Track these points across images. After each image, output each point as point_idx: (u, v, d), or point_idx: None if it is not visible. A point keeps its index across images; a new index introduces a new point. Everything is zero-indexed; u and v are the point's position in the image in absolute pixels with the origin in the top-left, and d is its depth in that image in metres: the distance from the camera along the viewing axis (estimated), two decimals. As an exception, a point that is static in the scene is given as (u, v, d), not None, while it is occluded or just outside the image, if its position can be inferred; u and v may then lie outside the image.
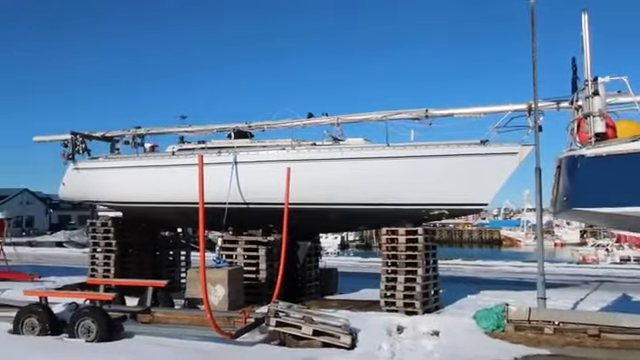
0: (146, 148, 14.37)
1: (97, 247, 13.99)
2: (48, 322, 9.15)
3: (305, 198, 11.30)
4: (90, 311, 9.04)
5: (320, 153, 11.62)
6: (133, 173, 13.40)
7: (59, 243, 44.21)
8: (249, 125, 12.90)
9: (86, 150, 14.28)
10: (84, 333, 8.76)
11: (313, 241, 13.53)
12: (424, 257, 10.59)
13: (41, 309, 9.35)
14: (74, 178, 14.25)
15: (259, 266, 12.16)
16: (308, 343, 8.56)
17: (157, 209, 13.52)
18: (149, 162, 13.37)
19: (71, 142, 14.07)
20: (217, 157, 12.03)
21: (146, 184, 13.05)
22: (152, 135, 14.35)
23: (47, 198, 73.43)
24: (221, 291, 10.81)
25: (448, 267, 19.68)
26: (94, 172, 14.04)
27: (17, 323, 9.25)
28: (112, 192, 13.86)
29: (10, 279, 17.25)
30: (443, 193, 10.56)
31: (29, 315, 9.26)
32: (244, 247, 12.30)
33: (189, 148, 13.41)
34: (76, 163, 14.12)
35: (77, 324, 8.83)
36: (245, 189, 11.75)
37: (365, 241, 57.88)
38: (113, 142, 14.80)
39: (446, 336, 9.09)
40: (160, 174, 12.87)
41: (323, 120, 12.17)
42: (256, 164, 11.88)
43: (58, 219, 72.80)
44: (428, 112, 11.01)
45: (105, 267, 13.71)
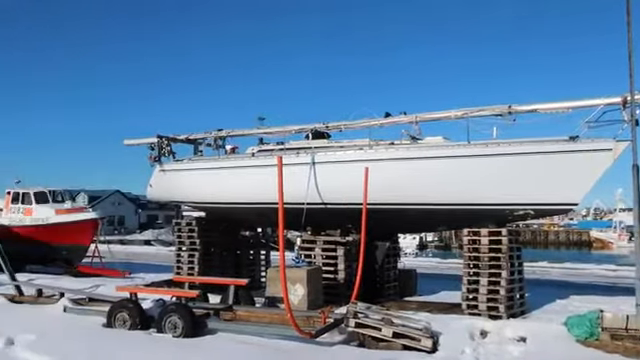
0: (227, 150, 14.74)
1: (182, 246, 14.54)
2: (138, 317, 9.60)
3: (383, 198, 11.17)
4: (176, 308, 9.39)
5: (398, 152, 11.44)
6: (214, 174, 13.79)
7: (147, 241, 46.53)
8: (327, 125, 12.92)
9: (171, 153, 14.86)
10: (171, 329, 9.12)
11: (391, 241, 13.34)
12: (508, 259, 10.15)
13: (132, 305, 9.83)
14: (160, 179, 14.87)
15: (337, 266, 12.15)
16: (388, 345, 8.45)
17: (237, 209, 13.85)
18: (230, 163, 13.70)
19: (157, 145, 14.70)
20: (295, 158, 12.14)
21: (227, 185, 13.40)
22: (233, 137, 14.70)
23: (136, 199, 77.46)
24: (300, 290, 10.89)
25: (533, 270, 18.82)
26: (178, 174, 14.58)
27: (110, 317, 9.78)
28: (195, 193, 14.34)
29: (104, 275, 18.34)
30: (529, 192, 10.07)
31: (121, 310, 9.77)
32: (322, 247, 12.34)
33: (268, 149, 13.63)
34: (162, 165, 14.72)
35: (164, 320, 9.21)
36: (323, 189, 11.78)
37: (444, 242, 56.68)
38: (196, 144, 15.33)
39: (534, 342, 8.65)
40: (240, 175, 13.17)
41: (401, 119, 11.98)
42: (334, 164, 11.88)
43: (147, 218, 76.63)
44: (511, 108, 10.54)
45: (190, 265, 14.22)
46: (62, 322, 10.21)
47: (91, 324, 9.98)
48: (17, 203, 21.02)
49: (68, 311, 10.90)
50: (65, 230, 19.36)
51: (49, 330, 9.32)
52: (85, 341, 8.80)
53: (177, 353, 8.08)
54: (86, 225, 19.56)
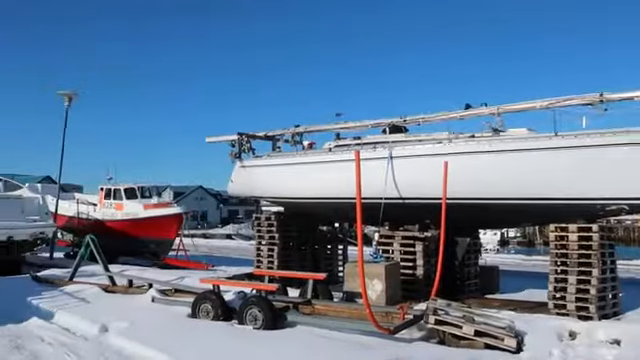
0: (304, 145, 14.89)
1: (262, 240, 14.86)
2: (220, 308, 9.92)
3: (464, 193, 10.86)
4: (257, 300, 9.61)
5: (479, 145, 11.07)
6: (292, 170, 13.97)
7: (228, 235, 48.02)
8: (404, 119, 12.73)
9: (251, 149, 15.21)
10: (251, 321, 9.35)
11: (472, 237, 12.97)
12: (599, 257, 9.57)
13: (214, 296, 10.16)
14: (240, 175, 15.27)
15: (416, 262, 11.96)
16: (469, 343, 8.21)
17: (315, 204, 13.96)
18: (307, 159, 13.83)
19: (238, 142, 15.09)
20: (372, 152, 12.06)
21: (304, 180, 13.54)
22: (310, 133, 14.83)
23: (218, 194, 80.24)
24: (378, 286, 10.83)
25: (627, 268, 17.70)
26: (258, 169, 14.90)
27: (194, 308, 10.17)
28: (273, 188, 14.60)
29: (189, 267, 19.13)
30: (624, 186, 9.43)
31: (204, 301, 10.13)
32: (400, 242, 12.19)
33: (345, 144, 13.63)
34: (242, 161, 15.10)
35: (245, 312, 9.45)
36: (401, 184, 11.63)
37: (527, 238, 54.40)
38: (274, 141, 15.59)
39: (630, 346, 8.08)
40: (317, 170, 13.26)
41: (482, 111, 11.58)
42: (412, 158, 11.69)
43: (228, 213, 79.15)
44: (603, 96, 9.89)
45: (269, 259, 14.50)
46: (151, 311, 10.73)
47: (177, 314, 10.42)
48: (109, 199, 22.37)
49: (156, 301, 11.44)
50: (153, 224, 20.39)
51: (139, 318, 9.84)
52: (173, 330, 9.21)
53: (258, 344, 8.27)
54: (172, 219, 20.50)
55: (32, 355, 7.97)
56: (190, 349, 7.94)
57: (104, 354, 8.05)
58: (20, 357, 7.84)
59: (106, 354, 8.06)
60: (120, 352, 8.14)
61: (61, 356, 7.94)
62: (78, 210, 22.99)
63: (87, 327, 9.54)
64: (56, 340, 8.85)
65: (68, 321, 10.13)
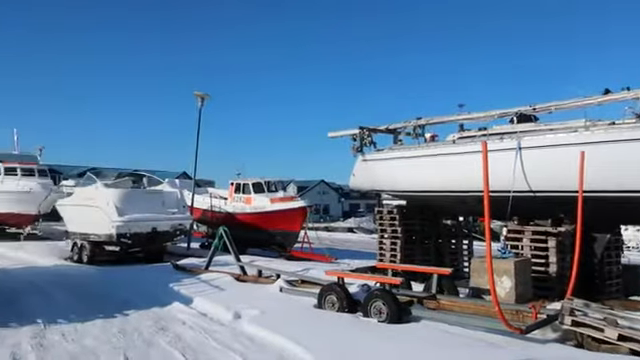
0: (426, 138, 14.66)
1: (384, 233, 14.89)
2: (345, 300, 10.09)
3: (602, 185, 10.06)
4: (381, 293, 9.64)
5: (621, 134, 10.16)
6: (414, 162, 13.82)
7: (350, 229, 48.58)
8: (533, 108, 12.06)
9: (372, 143, 15.29)
10: (376, 314, 9.40)
11: (613, 233, 11.98)
12: None
13: (339, 288, 10.36)
14: (362, 169, 15.40)
15: (548, 258, 11.31)
16: (612, 348, 7.59)
17: (438, 197, 13.70)
18: (429, 151, 13.61)
19: (359, 136, 15.23)
20: (499, 143, 11.57)
21: (427, 173, 13.33)
22: (432, 125, 14.58)
23: (339, 188, 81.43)
24: (507, 283, 10.38)
25: None
26: (379, 163, 14.93)
27: (320, 299, 10.44)
28: (395, 181, 14.54)
29: (313, 259, 19.67)
30: None
31: (330, 293, 10.36)
32: (531, 238, 11.59)
33: (469, 136, 13.22)
34: (364, 155, 15.22)
35: (369, 305, 9.53)
36: (531, 176, 11.04)
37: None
38: (396, 134, 15.53)
39: None
40: (440, 163, 12.99)
41: (623, 95, 10.62)
42: (543, 149, 11.03)
43: (349, 207, 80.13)
44: None
45: (392, 252, 14.51)
46: (279, 300, 11.19)
47: (303, 304, 10.77)
48: (239, 193, 23.64)
49: (284, 291, 11.91)
50: (279, 217, 21.22)
51: (269, 307, 10.30)
52: (300, 319, 9.54)
53: (383, 337, 8.29)
54: (297, 213, 21.19)
55: (176, 337, 8.66)
56: (317, 338, 8.16)
57: (238, 339, 8.53)
58: (166, 338, 8.56)
59: (240, 339, 8.53)
60: (252, 338, 8.58)
61: (201, 339, 8.54)
62: (211, 204, 24.57)
63: (222, 313, 10.18)
64: (196, 324, 9.55)
65: (205, 307, 10.87)
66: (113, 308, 10.69)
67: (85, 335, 8.69)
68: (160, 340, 8.46)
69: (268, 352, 7.88)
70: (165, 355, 7.67)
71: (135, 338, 8.58)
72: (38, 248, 21.78)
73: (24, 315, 9.96)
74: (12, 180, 27.60)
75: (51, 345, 8.08)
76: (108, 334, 8.79)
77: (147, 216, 17.78)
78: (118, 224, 17.13)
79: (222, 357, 7.62)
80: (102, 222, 17.54)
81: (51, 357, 7.48)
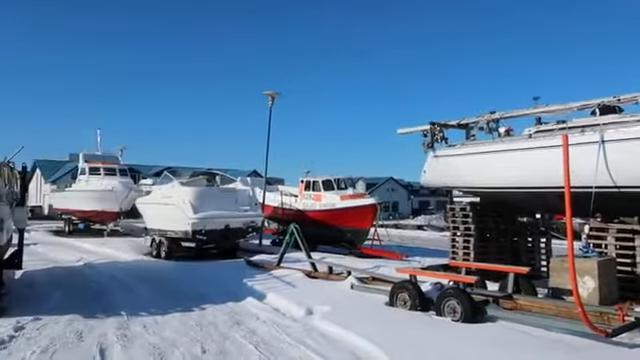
0: (500, 132, 14.18)
1: (457, 231, 14.55)
2: (417, 298, 9.94)
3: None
4: (454, 292, 9.43)
5: None
6: (488, 158, 13.39)
7: (420, 226, 47.87)
8: (618, 99, 11.37)
9: (444, 138, 14.95)
10: (449, 312, 9.20)
11: None
12: None
13: (411, 286, 10.22)
14: (433, 165, 15.09)
15: (635, 258, 10.66)
16: None
17: (513, 194, 13.22)
18: (504, 146, 13.14)
19: (430, 132, 14.94)
20: (580, 137, 10.98)
21: (502, 168, 12.88)
22: (506, 119, 14.06)
23: (409, 185, 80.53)
24: (590, 283, 9.87)
25: None
26: (451, 159, 14.58)
27: (392, 297, 10.34)
28: (469, 177, 14.15)
29: (383, 257, 19.54)
30: None
31: (402, 290, 10.25)
32: (616, 236, 10.95)
33: (547, 129, 12.65)
34: (435, 151, 14.91)
35: (443, 303, 9.34)
36: (615, 171, 10.41)
37: None
38: (468, 129, 15.11)
39: None
40: (516, 158, 12.51)
41: None
42: (630, 142, 10.37)
43: (418, 204, 79.13)
44: None
45: (465, 250, 14.15)
46: (350, 297, 11.20)
47: (375, 301, 10.71)
48: (309, 190, 23.86)
49: (355, 288, 11.90)
50: (349, 214, 21.23)
51: (340, 304, 10.33)
52: (372, 316, 9.49)
53: (458, 337, 8.11)
54: (367, 210, 21.11)
55: (250, 331, 8.86)
56: (390, 336, 8.09)
57: (310, 335, 8.60)
58: (241, 332, 8.77)
59: (312, 335, 8.60)
60: (325, 335, 8.63)
61: (274, 334, 8.68)
62: (282, 201, 24.95)
63: (294, 309, 10.30)
64: (269, 319, 9.73)
65: (278, 302, 11.05)
66: (190, 302, 11.08)
67: (165, 327, 9.06)
68: (235, 334, 8.68)
69: (340, 348, 7.89)
70: (240, 348, 7.85)
71: (212, 331, 8.85)
72: (120, 244, 22.98)
73: (109, 307, 10.52)
74: (96, 179, 29.26)
75: (134, 336, 8.47)
76: (186, 327, 9.11)
77: (221, 213, 18.30)
78: (193, 221, 17.73)
79: (295, 352, 7.71)
80: (179, 219, 18.23)
81: (134, 348, 7.83)
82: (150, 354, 7.53)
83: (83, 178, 30.60)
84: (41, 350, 7.57)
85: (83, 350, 7.66)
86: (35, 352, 7.47)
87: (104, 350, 7.67)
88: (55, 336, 8.34)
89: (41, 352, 7.49)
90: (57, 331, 8.65)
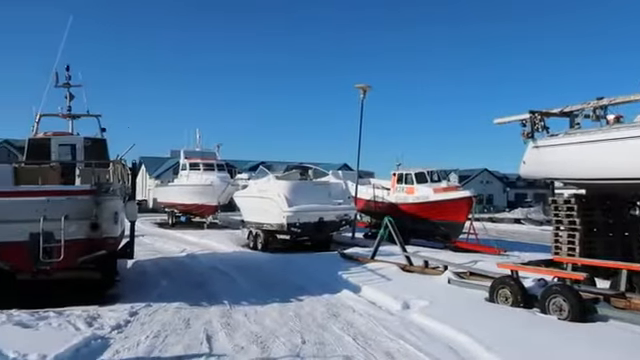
0: (609, 120, 13.26)
1: (560, 225, 13.80)
2: (520, 295, 9.56)
3: None
4: (561, 289, 8.96)
5: None
6: (596, 147, 12.55)
7: (517, 220, 45.90)
8: None
9: (545, 128, 14.22)
10: (555, 310, 8.77)
11: None
12: None
13: (513, 282, 9.85)
14: (534, 156, 14.40)
15: None
16: None
17: (625, 185, 12.33)
18: (614, 134, 12.24)
19: (530, 121, 14.26)
20: None
21: (611, 158, 12.03)
22: (616, 105, 13.12)
23: (504, 177, 77.55)
24: None
25: None
26: (554, 149, 13.83)
27: (492, 292, 10.02)
28: (573, 168, 13.36)
29: (480, 251, 18.98)
30: None
31: (502, 286, 9.90)
32: None
33: (665, 115, 11.68)
34: (535, 141, 14.21)
35: (548, 300, 8.92)
36: None
37: None
38: (572, 117, 14.26)
39: None
40: (629, 147, 11.63)
41: None
42: None
43: (514, 197, 75.97)
44: None
45: (569, 246, 13.39)
46: (448, 292, 10.98)
47: (473, 296, 10.43)
48: (401, 183, 23.64)
49: (452, 282, 11.65)
50: (443, 207, 20.80)
51: (438, 298, 10.16)
52: (470, 312, 9.26)
53: (566, 336, 7.71)
54: (462, 203, 20.58)
55: (347, 323, 8.94)
56: (491, 333, 7.84)
57: (408, 329, 8.54)
58: (338, 324, 8.88)
59: (410, 329, 8.53)
60: (423, 329, 8.53)
61: (371, 327, 8.71)
62: (374, 194, 24.90)
63: (390, 302, 10.28)
64: (365, 312, 9.77)
65: (373, 295, 11.07)
66: (288, 293, 11.37)
67: (264, 317, 9.36)
68: (333, 325, 8.80)
69: (439, 343, 7.78)
70: (338, 340, 7.95)
71: (310, 322, 9.03)
72: (219, 236, 23.99)
73: (212, 296, 11.04)
74: (196, 174, 30.72)
75: (236, 324, 8.83)
76: (285, 317, 9.36)
77: (315, 206, 18.57)
78: (288, 214, 18.14)
79: (393, 345, 7.68)
80: (274, 212, 18.72)
81: (238, 335, 8.16)
82: (253, 342, 7.81)
83: (184, 173, 32.24)
84: (154, 335, 8.09)
85: (191, 336, 8.09)
86: (149, 337, 7.99)
87: (210, 337, 8.06)
88: (165, 322, 8.88)
89: (154, 337, 8.00)
90: (167, 317, 9.20)
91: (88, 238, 10.11)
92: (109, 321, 8.74)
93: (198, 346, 7.60)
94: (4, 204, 9.63)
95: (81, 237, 10.01)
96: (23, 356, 6.71)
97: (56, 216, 9.60)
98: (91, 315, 9.03)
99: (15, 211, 9.59)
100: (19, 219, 9.53)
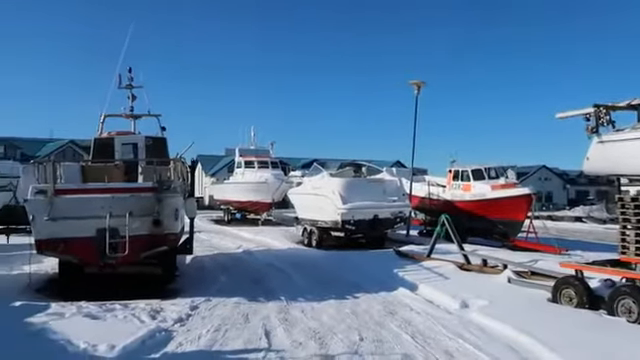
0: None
1: (627, 224, 13.07)
2: (585, 295, 9.23)
3: None
4: (631, 290, 8.59)
5: None
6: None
7: (578, 218, 44.24)
8: None
9: (611, 122, 13.61)
10: (624, 312, 8.41)
11: None
12: None
13: (578, 282, 9.51)
14: (599, 152, 13.77)
15: None
16: None
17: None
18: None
19: (594, 115, 13.66)
20: None
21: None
22: (689, 97, 12.41)
23: (564, 174, 74.90)
24: None
25: None
26: (620, 144, 13.20)
27: (555, 292, 9.71)
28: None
29: (539, 250, 18.41)
30: None
31: (566, 286, 9.58)
32: None
33: None
34: (600, 136, 13.62)
35: (616, 302, 8.57)
36: None
37: None
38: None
39: None
40: None
41: None
42: None
43: (575, 194, 73.28)
44: None
45: (637, 245, 12.67)
46: (508, 292, 10.72)
47: (535, 297, 10.14)
48: (457, 180, 23.21)
49: (512, 282, 11.36)
50: (501, 205, 20.26)
51: (498, 298, 9.93)
52: (533, 312, 9.00)
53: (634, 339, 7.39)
54: (521, 200, 19.99)
55: (405, 321, 8.87)
56: (554, 334, 7.61)
57: (467, 328, 8.39)
58: (395, 322, 8.82)
59: (469, 329, 8.38)
60: (482, 329, 8.37)
61: (429, 325, 8.61)
62: (429, 191, 24.56)
63: (448, 301, 10.13)
64: (423, 310, 9.67)
65: (430, 294, 10.94)
66: (343, 290, 11.40)
67: (321, 313, 9.41)
68: (390, 323, 8.75)
69: (500, 343, 7.63)
70: (396, 338, 7.90)
71: (367, 319, 9.02)
72: (273, 233, 24.29)
73: (269, 292, 11.20)
74: (251, 172, 31.19)
75: (294, 320, 8.92)
76: (342, 314, 9.39)
77: (369, 204, 18.50)
78: (343, 211, 18.13)
79: (452, 344, 7.58)
80: (328, 209, 18.76)
81: (296, 331, 8.24)
82: (311, 338, 7.87)
83: (239, 171, 32.79)
84: (214, 329, 8.28)
85: (250, 331, 8.24)
86: (209, 330, 8.19)
87: (269, 332, 8.18)
88: (225, 316, 9.08)
89: (214, 330, 8.20)
90: (226, 312, 9.40)
91: (150, 234, 10.47)
92: (171, 314, 9.02)
93: (257, 341, 7.74)
94: (74, 201, 10.10)
95: (144, 233, 10.36)
96: (93, 346, 7.02)
97: (121, 213, 9.99)
98: (154, 308, 9.33)
99: (84, 208, 10.03)
100: (87, 215, 9.97)
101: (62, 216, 9.94)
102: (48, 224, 9.91)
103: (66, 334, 7.53)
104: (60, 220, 9.93)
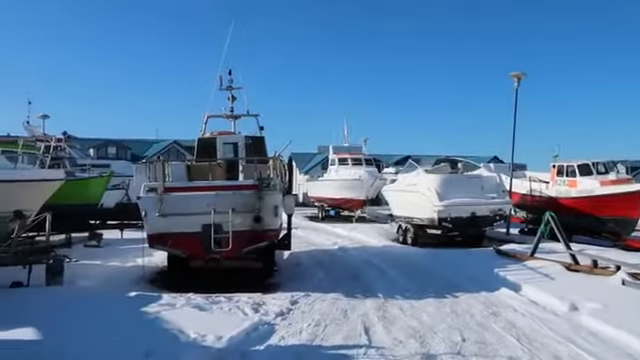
0: None
1: None
2: None
3: None
4: None
5: None
6: None
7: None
8: None
9: None
10: None
11: None
12: None
13: None
14: None
15: None
16: None
17: None
18: None
19: None
20: None
21: None
22: None
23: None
24: None
25: None
26: None
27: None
28: None
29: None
30: None
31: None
32: None
33: None
34: None
35: None
36: None
37: None
38: None
39: None
40: None
41: None
42: None
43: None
44: None
45: None
46: (622, 295, 9.99)
47: (654, 301, 9.41)
48: (562, 176, 21.97)
49: (627, 285, 10.58)
50: (612, 202, 18.92)
51: (611, 301, 9.27)
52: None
53: None
54: (636, 197, 18.57)
55: (509, 323, 8.54)
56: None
57: (578, 332, 7.94)
58: (499, 324, 8.52)
59: (580, 333, 7.93)
60: (595, 333, 7.88)
61: (535, 328, 8.23)
62: (530, 188, 23.44)
63: (555, 303, 9.61)
64: (527, 312, 9.26)
65: (535, 295, 10.45)
66: (442, 288, 11.21)
67: (420, 312, 9.30)
68: (493, 324, 8.47)
69: (615, 350, 7.16)
70: (501, 340, 7.63)
71: (468, 320, 8.79)
72: (368, 230, 24.27)
73: (366, 289, 11.24)
74: (344, 169, 31.41)
75: (393, 318, 8.88)
76: (441, 313, 9.22)
77: (466, 200, 17.99)
78: (439, 208, 17.77)
79: (562, 349, 7.20)
80: (424, 207, 18.46)
81: (395, 329, 8.20)
82: (411, 336, 7.79)
83: (333, 168, 33.11)
84: (315, 324, 8.44)
85: (349, 327, 8.30)
86: (310, 325, 8.35)
87: (368, 329, 8.20)
88: (324, 312, 9.22)
89: (315, 325, 8.35)
90: (325, 308, 9.54)
91: (252, 230, 10.85)
92: (273, 308, 9.29)
93: (357, 337, 7.79)
94: (182, 198, 10.70)
95: (246, 229, 10.77)
96: (202, 336, 7.39)
97: (224, 209, 10.44)
98: (256, 302, 9.66)
99: (190, 205, 10.60)
100: (194, 212, 10.53)
101: (171, 212, 10.57)
102: (159, 220, 10.58)
103: (177, 324, 7.98)
104: (169, 216, 10.57)
